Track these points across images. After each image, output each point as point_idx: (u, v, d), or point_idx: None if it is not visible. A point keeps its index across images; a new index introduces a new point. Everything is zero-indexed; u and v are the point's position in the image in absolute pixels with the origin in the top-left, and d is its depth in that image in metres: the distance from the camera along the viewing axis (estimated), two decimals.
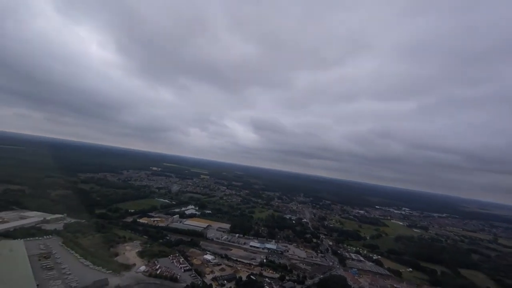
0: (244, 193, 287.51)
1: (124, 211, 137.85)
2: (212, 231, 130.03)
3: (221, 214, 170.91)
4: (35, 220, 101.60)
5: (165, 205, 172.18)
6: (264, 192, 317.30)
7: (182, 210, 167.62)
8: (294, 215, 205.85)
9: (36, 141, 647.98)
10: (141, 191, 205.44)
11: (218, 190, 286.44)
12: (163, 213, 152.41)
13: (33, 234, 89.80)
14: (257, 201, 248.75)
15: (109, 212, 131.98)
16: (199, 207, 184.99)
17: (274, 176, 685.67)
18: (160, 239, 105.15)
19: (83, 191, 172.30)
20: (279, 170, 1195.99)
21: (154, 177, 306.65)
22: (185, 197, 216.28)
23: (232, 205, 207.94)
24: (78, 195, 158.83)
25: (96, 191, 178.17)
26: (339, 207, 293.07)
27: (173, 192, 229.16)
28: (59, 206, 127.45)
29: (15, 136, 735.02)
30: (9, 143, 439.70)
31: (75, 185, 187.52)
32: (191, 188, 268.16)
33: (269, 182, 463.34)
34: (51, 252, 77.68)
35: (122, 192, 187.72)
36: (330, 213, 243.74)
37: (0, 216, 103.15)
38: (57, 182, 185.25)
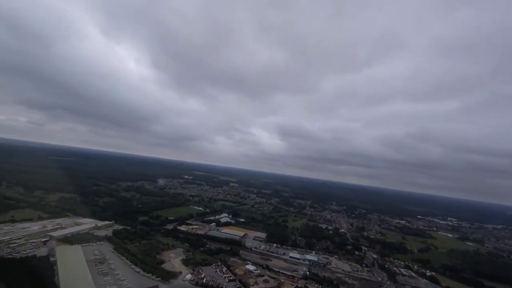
0: (274, 201, 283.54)
1: (164, 219, 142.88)
2: (249, 240, 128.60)
3: (255, 223, 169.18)
4: (88, 227, 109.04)
5: (200, 212, 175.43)
6: (294, 200, 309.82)
7: (216, 218, 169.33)
8: (329, 224, 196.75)
9: (82, 152, 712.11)
10: (176, 199, 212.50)
11: (248, 198, 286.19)
12: (199, 220, 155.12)
13: (87, 240, 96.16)
14: (288, 209, 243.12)
15: (151, 219, 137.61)
16: (233, 215, 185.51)
17: (303, 184, 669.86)
18: (201, 247, 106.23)
19: (126, 198, 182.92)
20: (307, 178, 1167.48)
21: (187, 185, 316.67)
22: (217, 205, 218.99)
23: (264, 213, 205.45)
24: (121, 202, 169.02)
25: (137, 199, 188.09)
26: (377, 216, 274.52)
27: (206, 200, 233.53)
28: (107, 213, 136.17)
29: (65, 148, 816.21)
30: (60, 155, 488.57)
31: (118, 193, 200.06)
32: (222, 196, 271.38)
33: (298, 190, 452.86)
34: (105, 258, 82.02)
35: (160, 200, 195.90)
36: (368, 223, 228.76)
37: (58, 222, 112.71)
38: (103, 190, 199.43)
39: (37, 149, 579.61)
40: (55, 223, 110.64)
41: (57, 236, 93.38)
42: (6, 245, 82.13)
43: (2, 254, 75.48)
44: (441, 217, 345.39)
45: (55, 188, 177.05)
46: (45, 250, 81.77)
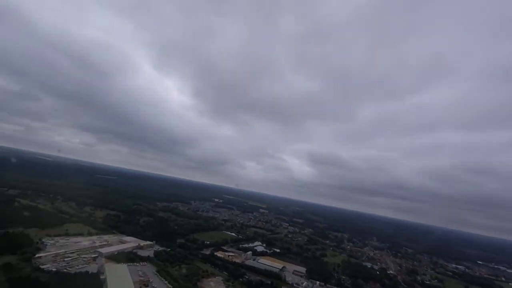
0: (308, 231, 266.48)
1: (200, 242, 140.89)
2: (289, 274, 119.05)
3: (291, 255, 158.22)
4: (131, 246, 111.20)
5: (234, 239, 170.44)
6: (330, 232, 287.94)
7: (250, 246, 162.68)
8: (374, 263, 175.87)
9: (122, 172, 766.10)
10: (210, 222, 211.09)
11: (281, 226, 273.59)
12: (234, 247, 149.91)
13: (131, 259, 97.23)
14: (325, 242, 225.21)
15: (188, 242, 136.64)
16: (266, 244, 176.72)
17: (335, 214, 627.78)
18: (240, 277, 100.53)
19: (163, 219, 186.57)
20: (339, 208, 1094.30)
21: (218, 209, 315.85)
22: (250, 231, 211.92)
23: (299, 245, 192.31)
24: (160, 223, 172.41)
25: (173, 220, 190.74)
26: (427, 258, 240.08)
27: (238, 225, 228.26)
28: (147, 233, 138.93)
29: (108, 167, 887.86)
30: (105, 173, 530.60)
31: (156, 213, 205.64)
32: (254, 223, 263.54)
33: (332, 221, 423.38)
34: (148, 280, 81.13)
35: (194, 222, 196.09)
36: (419, 266, 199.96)
37: (105, 239, 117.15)
38: (142, 210, 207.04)
39: (86, 167, 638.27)
40: (103, 239, 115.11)
41: (105, 253, 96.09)
42: (62, 259, 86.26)
43: (58, 267, 78.88)
44: (507, 264, 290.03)
45: (101, 205, 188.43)
46: (95, 267, 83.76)
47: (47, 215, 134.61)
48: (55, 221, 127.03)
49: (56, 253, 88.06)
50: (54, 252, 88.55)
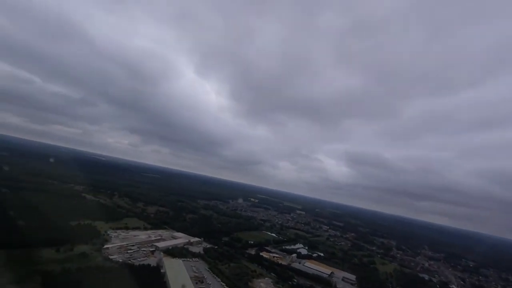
0: (350, 236, 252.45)
1: (244, 242, 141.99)
2: (338, 280, 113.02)
3: (337, 260, 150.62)
4: (182, 241, 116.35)
5: (275, 240, 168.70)
6: (374, 238, 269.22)
7: (292, 247, 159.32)
8: (430, 275, 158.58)
9: (163, 171, 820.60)
10: (250, 222, 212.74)
11: (320, 229, 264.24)
12: (277, 249, 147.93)
13: (184, 255, 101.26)
14: (371, 248, 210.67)
15: (232, 241, 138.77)
16: (308, 247, 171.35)
17: (377, 219, 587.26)
18: (289, 280, 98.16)
19: (206, 217, 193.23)
20: (379, 212, 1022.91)
21: (255, 209, 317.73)
22: (290, 233, 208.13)
23: (343, 250, 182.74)
24: (203, 220, 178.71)
25: (215, 218, 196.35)
26: (495, 273, 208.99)
27: (278, 226, 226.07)
28: (193, 229, 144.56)
29: (151, 166, 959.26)
30: (149, 172, 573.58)
31: (199, 210, 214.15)
32: (292, 224, 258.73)
33: (374, 226, 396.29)
34: (203, 277, 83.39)
35: (235, 221, 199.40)
36: (487, 282, 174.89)
37: (159, 233, 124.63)
38: (186, 207, 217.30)
39: (133, 166, 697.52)
40: (157, 234, 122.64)
41: (161, 247, 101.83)
42: (125, 250, 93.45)
43: (123, 258, 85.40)
44: None
45: (151, 201, 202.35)
46: (154, 260, 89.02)
47: (108, 210, 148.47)
48: (115, 215, 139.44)
49: (120, 245, 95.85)
50: (119, 244, 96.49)
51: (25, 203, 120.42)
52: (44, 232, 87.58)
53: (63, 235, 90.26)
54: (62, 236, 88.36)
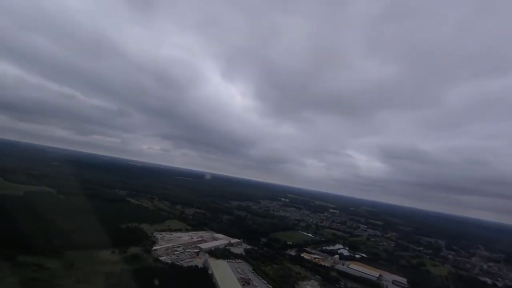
0: (392, 235, 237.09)
1: (283, 242, 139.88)
2: (389, 283, 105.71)
3: (383, 261, 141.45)
4: (223, 243, 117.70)
5: (314, 240, 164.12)
6: (419, 237, 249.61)
7: (332, 248, 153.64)
8: (493, 279, 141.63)
9: (192, 173, 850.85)
10: (284, 222, 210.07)
11: (358, 228, 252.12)
12: (317, 249, 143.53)
13: (227, 256, 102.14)
14: (417, 248, 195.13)
15: (271, 242, 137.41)
16: (349, 247, 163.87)
17: (418, 216, 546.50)
18: (335, 283, 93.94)
19: (241, 217, 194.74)
20: (419, 209, 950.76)
21: (287, 208, 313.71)
22: (327, 232, 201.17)
23: (387, 250, 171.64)
24: (239, 221, 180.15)
25: (250, 219, 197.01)
26: None
27: (313, 226, 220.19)
28: (232, 230, 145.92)
29: (181, 169, 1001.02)
30: (180, 175, 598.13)
31: (233, 211, 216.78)
32: (327, 223, 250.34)
33: (416, 224, 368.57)
34: (249, 278, 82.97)
35: (270, 221, 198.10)
36: None
37: (200, 235, 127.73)
38: (220, 208, 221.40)
39: (165, 170, 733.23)
40: (198, 235, 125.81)
41: (205, 248, 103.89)
42: (172, 252, 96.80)
43: (171, 260, 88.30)
44: None
45: (187, 203, 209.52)
46: (200, 262, 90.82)
47: (151, 212, 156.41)
48: (157, 217, 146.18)
49: (167, 247, 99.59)
50: (166, 246, 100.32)
51: (79, 208, 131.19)
52: (99, 235, 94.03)
53: (115, 237, 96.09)
54: (114, 239, 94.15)
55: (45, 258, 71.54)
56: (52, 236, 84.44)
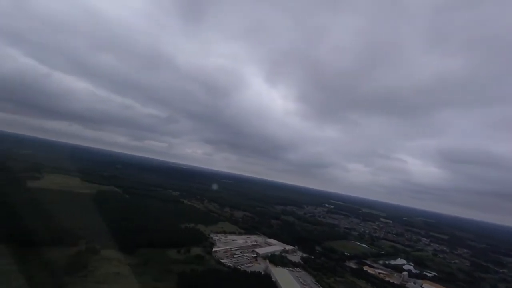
0: (464, 252, 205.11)
1: (340, 253, 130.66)
2: None
3: (461, 283, 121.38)
4: (278, 249, 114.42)
5: (372, 253, 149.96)
6: (498, 256, 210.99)
7: (395, 263, 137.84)
8: None
9: (233, 177, 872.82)
10: (334, 230, 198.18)
11: (419, 241, 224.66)
12: (377, 263, 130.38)
13: (285, 263, 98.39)
14: (500, 270, 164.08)
15: (326, 251, 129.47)
16: (414, 263, 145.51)
17: (491, 231, 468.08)
18: None
19: (289, 222, 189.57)
20: (491, 223, 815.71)
21: (333, 215, 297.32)
22: (384, 244, 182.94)
23: (463, 270, 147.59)
24: (288, 226, 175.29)
25: (298, 224, 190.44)
26: None
27: (367, 236, 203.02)
28: (283, 236, 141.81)
29: (223, 173, 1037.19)
30: (223, 178, 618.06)
31: (279, 216, 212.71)
32: (381, 234, 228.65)
33: (490, 240, 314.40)
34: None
35: (320, 229, 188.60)
36: None
37: (253, 239, 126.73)
38: (266, 212, 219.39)
39: (208, 173, 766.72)
40: (251, 239, 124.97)
41: (262, 254, 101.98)
42: (231, 255, 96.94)
43: (232, 263, 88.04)
44: None
45: (234, 206, 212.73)
46: (260, 267, 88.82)
47: (204, 214, 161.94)
48: (210, 219, 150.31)
49: (225, 249, 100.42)
50: (224, 248, 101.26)
51: (142, 207, 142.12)
52: (164, 234, 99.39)
53: (178, 237, 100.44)
54: (178, 238, 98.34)
55: (123, 253, 77.45)
56: (126, 233, 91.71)
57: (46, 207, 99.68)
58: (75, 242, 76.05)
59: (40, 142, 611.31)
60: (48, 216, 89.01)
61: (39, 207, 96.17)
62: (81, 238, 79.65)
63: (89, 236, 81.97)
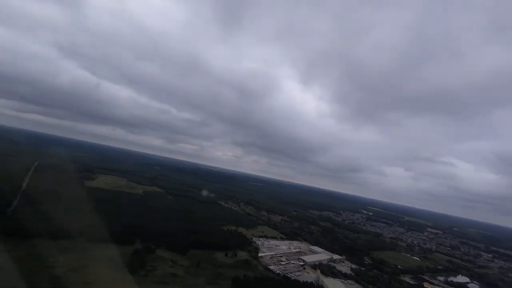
0: None
1: (393, 266, 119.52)
2: None
3: None
4: (325, 257, 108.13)
5: (429, 267, 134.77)
6: None
7: (457, 281, 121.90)
8: None
9: (264, 180, 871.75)
10: (380, 239, 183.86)
11: (479, 257, 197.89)
12: (435, 278, 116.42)
13: (335, 274, 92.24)
14: None
15: (376, 263, 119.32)
16: (479, 282, 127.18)
17: None
18: None
19: (329, 229, 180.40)
20: None
21: (374, 223, 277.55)
22: (438, 258, 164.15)
23: None
24: (329, 233, 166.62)
25: (339, 232, 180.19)
26: None
27: (416, 247, 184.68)
28: (326, 243, 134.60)
29: (252, 175, 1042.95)
30: (253, 181, 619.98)
31: (316, 221, 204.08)
32: (432, 246, 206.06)
33: None
34: None
35: (364, 237, 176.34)
36: None
37: (296, 245, 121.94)
38: (302, 217, 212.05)
39: (238, 175, 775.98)
40: (294, 245, 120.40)
41: (309, 262, 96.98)
42: (278, 261, 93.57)
43: (281, 271, 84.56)
44: None
45: (270, 209, 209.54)
46: (310, 277, 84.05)
47: (242, 216, 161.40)
48: (249, 222, 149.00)
49: (271, 255, 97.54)
50: (269, 254, 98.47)
51: (185, 208, 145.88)
52: (208, 236, 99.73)
53: (223, 239, 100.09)
54: (223, 241, 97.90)
55: (176, 253, 78.73)
56: (176, 234, 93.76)
57: (106, 206, 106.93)
58: (133, 240, 79.32)
59: (88, 145, 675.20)
60: (108, 214, 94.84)
61: (101, 205, 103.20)
62: (137, 236, 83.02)
63: (143, 235, 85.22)
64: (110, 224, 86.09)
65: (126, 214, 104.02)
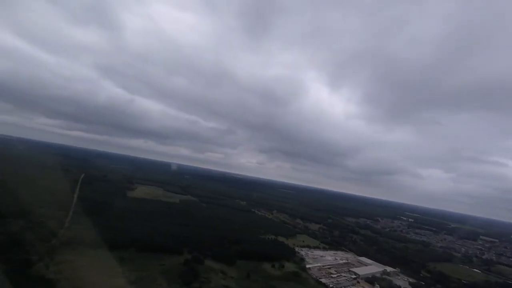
0: None
1: (456, 280, 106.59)
2: None
3: None
4: (378, 270, 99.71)
5: (499, 283, 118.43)
6: None
7: None
8: None
9: (292, 186, 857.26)
10: (430, 249, 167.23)
11: None
12: None
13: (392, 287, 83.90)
14: None
15: (435, 276, 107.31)
16: None
17: None
18: None
19: (371, 238, 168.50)
20: None
21: (417, 230, 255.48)
22: (504, 271, 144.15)
23: None
24: (372, 242, 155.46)
25: (383, 241, 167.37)
26: None
27: (475, 259, 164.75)
28: (373, 254, 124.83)
29: (277, 182, 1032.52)
30: (281, 187, 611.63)
31: (355, 229, 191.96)
32: (492, 256, 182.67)
33: None
34: None
35: (413, 247, 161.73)
36: None
37: (342, 256, 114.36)
38: (338, 224, 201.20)
39: (264, 182, 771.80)
40: (340, 256, 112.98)
41: (362, 275, 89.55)
42: (327, 274, 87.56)
43: (333, 284, 78.65)
44: None
45: (305, 217, 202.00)
46: None
47: (278, 225, 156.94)
48: (287, 231, 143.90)
49: (319, 267, 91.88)
50: (317, 265, 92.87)
51: (220, 216, 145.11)
52: (250, 245, 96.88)
53: (267, 249, 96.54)
54: (267, 251, 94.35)
55: (224, 264, 76.89)
56: (220, 243, 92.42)
57: (150, 215, 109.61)
58: (181, 250, 79.11)
59: (123, 157, 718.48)
60: (154, 223, 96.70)
61: (145, 215, 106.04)
62: (184, 245, 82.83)
63: (189, 244, 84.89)
64: (158, 234, 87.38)
65: (169, 223, 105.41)
